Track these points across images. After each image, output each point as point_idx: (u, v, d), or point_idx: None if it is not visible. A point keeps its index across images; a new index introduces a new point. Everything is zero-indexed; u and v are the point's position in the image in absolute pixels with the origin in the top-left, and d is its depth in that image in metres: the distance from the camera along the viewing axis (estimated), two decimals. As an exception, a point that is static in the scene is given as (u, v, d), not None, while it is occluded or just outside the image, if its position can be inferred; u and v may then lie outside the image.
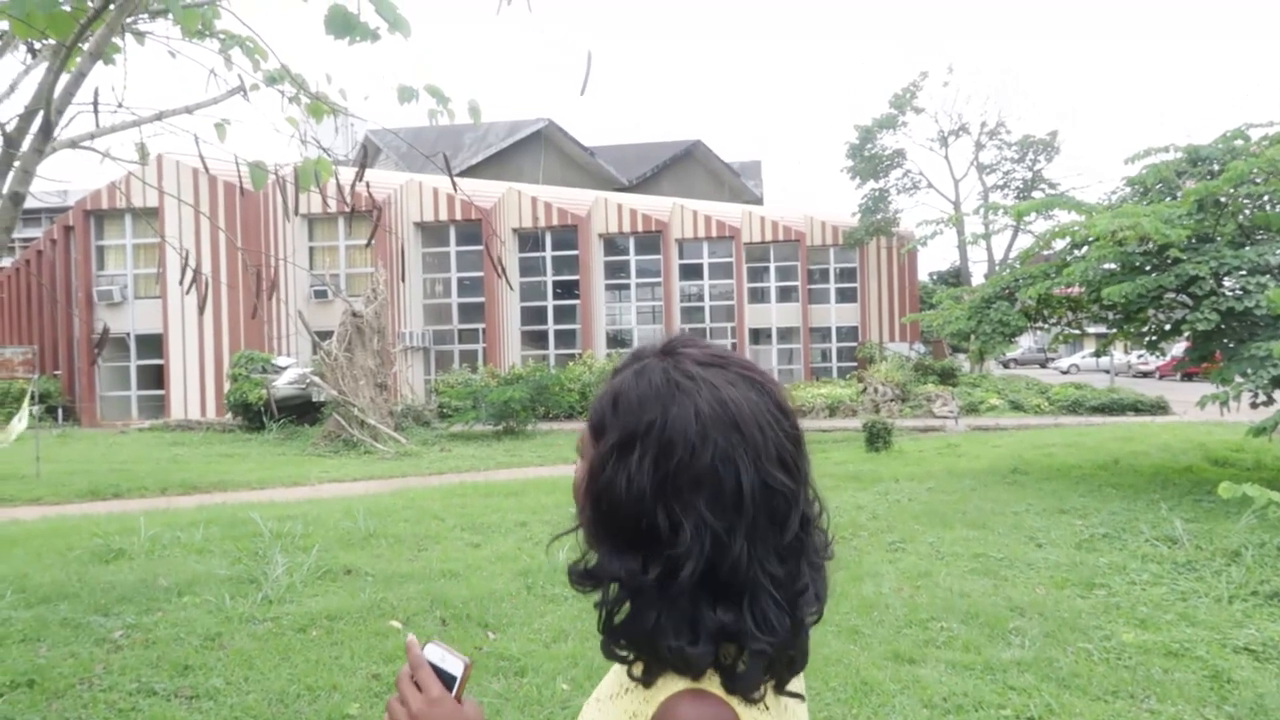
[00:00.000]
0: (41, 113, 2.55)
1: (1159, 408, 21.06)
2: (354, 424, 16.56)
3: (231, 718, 4.33)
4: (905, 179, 34.97)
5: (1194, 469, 11.96)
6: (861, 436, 16.85)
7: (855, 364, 32.98)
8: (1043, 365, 55.55)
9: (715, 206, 34.31)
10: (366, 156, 3.59)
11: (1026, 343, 57.53)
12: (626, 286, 32.40)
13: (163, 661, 5.05)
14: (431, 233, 28.73)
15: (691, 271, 33.80)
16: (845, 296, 35.14)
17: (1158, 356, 12.93)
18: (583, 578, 1.00)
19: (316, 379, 17.68)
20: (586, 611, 6.02)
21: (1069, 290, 12.12)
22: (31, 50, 3.59)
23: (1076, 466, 12.55)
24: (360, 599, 6.30)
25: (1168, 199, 11.56)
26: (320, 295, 25.92)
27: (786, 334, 34.74)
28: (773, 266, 34.63)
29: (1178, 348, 16.55)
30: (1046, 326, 12.93)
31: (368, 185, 4.32)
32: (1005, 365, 53.57)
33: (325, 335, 22.77)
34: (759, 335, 34.61)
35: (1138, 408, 21.10)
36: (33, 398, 13.11)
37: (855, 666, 4.95)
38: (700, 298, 33.98)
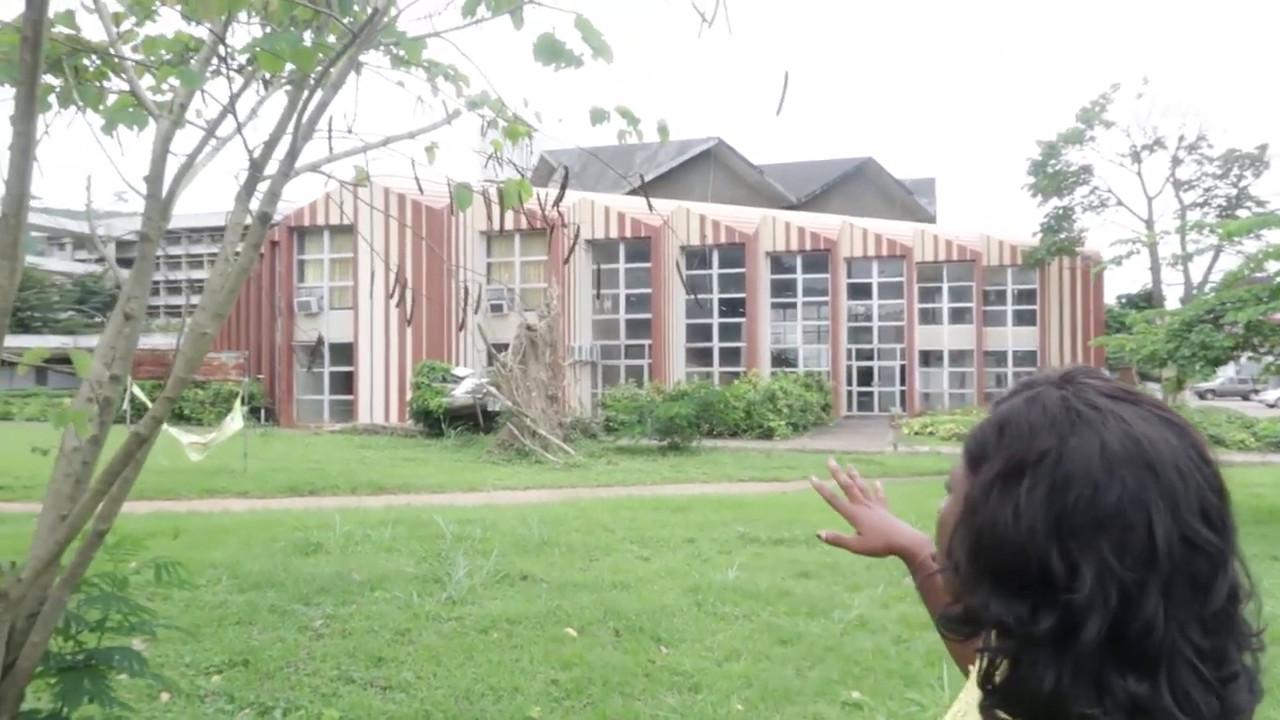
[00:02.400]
0: (289, 139, 2.79)
1: (1391, 448, 19.00)
2: (526, 434, 17.12)
3: (422, 711, 4.56)
4: (1092, 196, 33.11)
5: None
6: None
7: (1033, 390, 31.40)
8: (1245, 398, 51.10)
9: (886, 225, 33.57)
10: (567, 178, 3.72)
11: (1227, 373, 53.02)
12: (793, 305, 32.10)
13: (359, 652, 5.37)
14: (601, 249, 29.40)
15: (860, 291, 33.19)
16: (1023, 319, 33.60)
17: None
18: (957, 622, 0.87)
19: (492, 389, 18.41)
20: (758, 632, 6.00)
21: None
22: (264, 81, 3.93)
23: (1288, 510, 11.49)
24: (537, 605, 6.49)
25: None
26: (496, 309, 27.00)
27: (959, 357, 33.53)
28: (946, 287, 33.56)
29: None
30: (1257, 355, 11.90)
31: (556, 206, 4.49)
32: (1202, 396, 49.63)
33: (499, 347, 23.65)
34: (929, 357, 33.58)
35: (1365, 448, 19.11)
36: (243, 400, 14.27)
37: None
38: (868, 318, 33.31)
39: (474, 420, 20.30)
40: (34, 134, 2.50)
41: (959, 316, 33.42)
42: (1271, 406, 43.03)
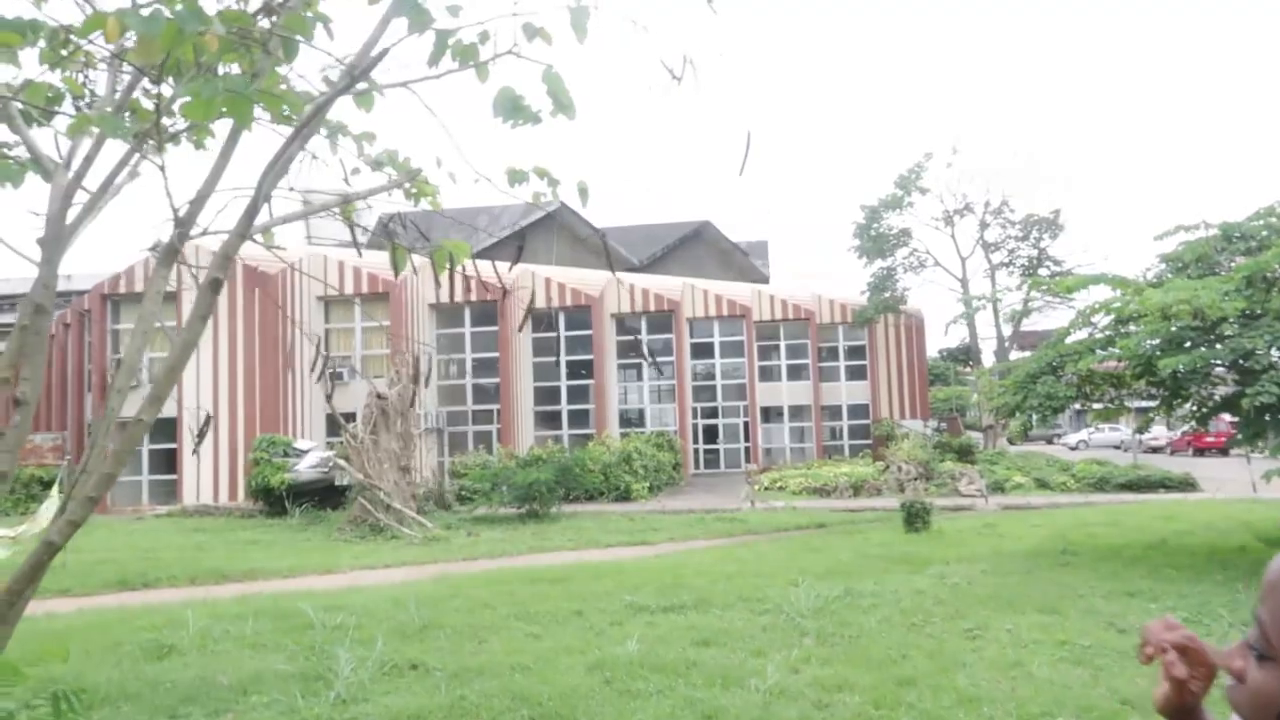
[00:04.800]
0: (252, 195, 2.47)
1: (1187, 485, 20.77)
2: (379, 508, 16.27)
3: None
4: (912, 257, 35.30)
5: (1248, 548, 11.74)
6: (893, 516, 16.60)
7: (868, 442, 32.80)
8: (1049, 441, 55.25)
9: (725, 286, 34.53)
10: (524, 242, 3.50)
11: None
12: (638, 366, 32.36)
13: (249, 769, 4.77)
14: (446, 314, 28.79)
15: (703, 350, 33.80)
16: (855, 374, 35.10)
17: (1193, 430, 12.82)
18: None
19: (341, 462, 17.44)
20: (679, 708, 5.76)
21: (1110, 366, 12.09)
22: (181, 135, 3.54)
23: (1125, 547, 12.32)
24: (438, 697, 6.02)
25: (1207, 275, 11.59)
26: (336, 378, 25.80)
27: (798, 412, 34.58)
28: (783, 345, 34.68)
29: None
30: (1088, 403, 12.83)
31: (510, 270, 4.26)
32: (1011, 442, 53.34)
33: (346, 417, 22.53)
34: (769, 413, 34.47)
35: (1166, 485, 20.82)
36: (60, 484, 12.85)
37: (984, 767, 4.69)
38: (711, 376, 33.93)
39: (320, 496, 19.13)
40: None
41: (796, 373, 34.55)
42: (1073, 449, 46.72)
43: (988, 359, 37.18)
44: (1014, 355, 35.01)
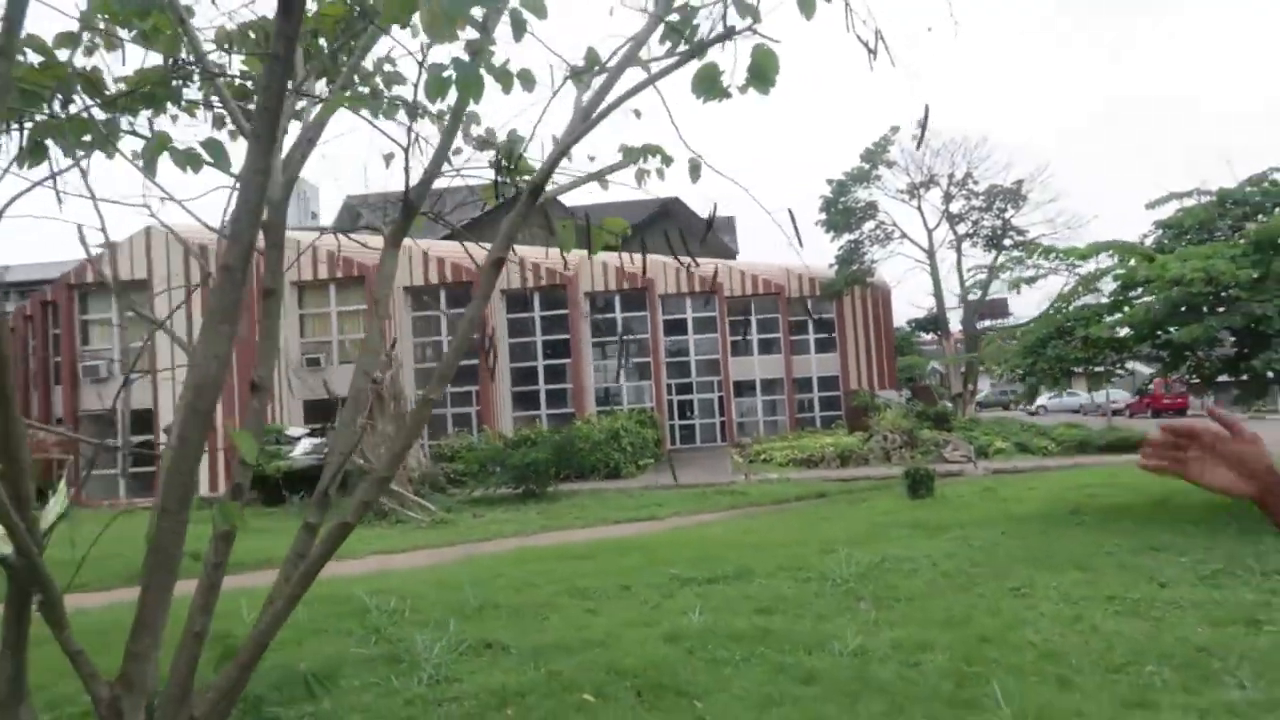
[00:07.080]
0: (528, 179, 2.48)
1: (1165, 444, 21.33)
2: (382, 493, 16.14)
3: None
4: (879, 230, 35.72)
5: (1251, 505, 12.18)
6: (890, 484, 16.98)
7: (839, 413, 33.22)
8: (1006, 408, 56.32)
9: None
10: (712, 224, 3.55)
11: (985, 388, 58.36)
12: (613, 344, 32.40)
13: (378, 750, 4.79)
14: (420, 296, 28.51)
15: (675, 327, 33.91)
16: (824, 346, 35.45)
17: (1183, 392, 13.23)
18: None
19: (339, 448, 17.26)
20: (774, 674, 5.87)
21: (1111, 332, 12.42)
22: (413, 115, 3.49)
23: (1130, 506, 12.70)
24: (530, 674, 6.05)
25: (1206, 240, 11.95)
26: (312, 363, 25.47)
27: (770, 385, 34.88)
28: (754, 319, 34.89)
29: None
30: (1089, 368, 13.17)
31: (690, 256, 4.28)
32: (978, 409, 54.30)
33: (316, 404, 22.32)
34: (742, 388, 34.72)
35: (1144, 445, 21.37)
36: (68, 481, 12.56)
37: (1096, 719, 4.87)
38: (685, 353, 34.08)
39: (315, 482, 18.88)
40: (270, 170, 2.07)
41: (767, 347, 34.81)
42: (1032, 414, 47.71)
43: (956, 329, 37.83)
44: (981, 325, 35.70)
